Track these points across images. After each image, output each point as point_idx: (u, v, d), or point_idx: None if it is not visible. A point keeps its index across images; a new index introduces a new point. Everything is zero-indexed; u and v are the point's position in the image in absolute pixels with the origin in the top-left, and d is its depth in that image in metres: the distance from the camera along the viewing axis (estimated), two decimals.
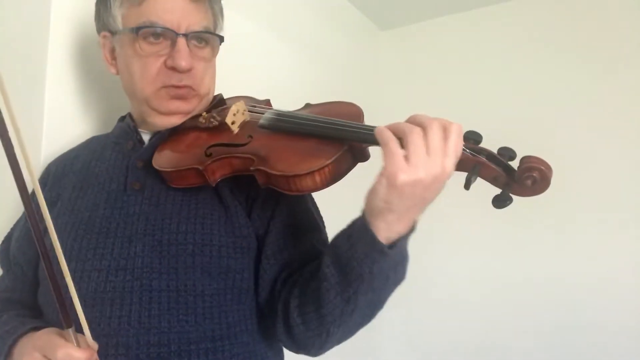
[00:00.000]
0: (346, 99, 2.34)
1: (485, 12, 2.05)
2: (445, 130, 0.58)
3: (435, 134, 0.57)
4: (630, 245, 1.66)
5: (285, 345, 0.78)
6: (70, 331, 0.62)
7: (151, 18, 0.78)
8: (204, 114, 0.82)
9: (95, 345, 0.64)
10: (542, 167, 0.59)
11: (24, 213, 0.89)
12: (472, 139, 0.63)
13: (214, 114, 0.81)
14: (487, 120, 1.99)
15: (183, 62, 0.78)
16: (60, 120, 0.99)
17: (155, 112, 0.84)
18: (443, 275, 1.99)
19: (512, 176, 0.61)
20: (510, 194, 0.62)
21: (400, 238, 0.62)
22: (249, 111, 0.81)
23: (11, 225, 0.93)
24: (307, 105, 0.82)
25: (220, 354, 0.71)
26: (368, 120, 0.79)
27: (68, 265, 0.72)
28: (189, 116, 0.85)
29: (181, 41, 0.79)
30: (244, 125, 0.78)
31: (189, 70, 0.80)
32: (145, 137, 0.87)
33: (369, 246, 0.61)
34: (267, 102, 0.88)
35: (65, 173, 0.87)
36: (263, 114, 0.78)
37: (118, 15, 0.83)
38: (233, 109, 0.78)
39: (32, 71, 1.00)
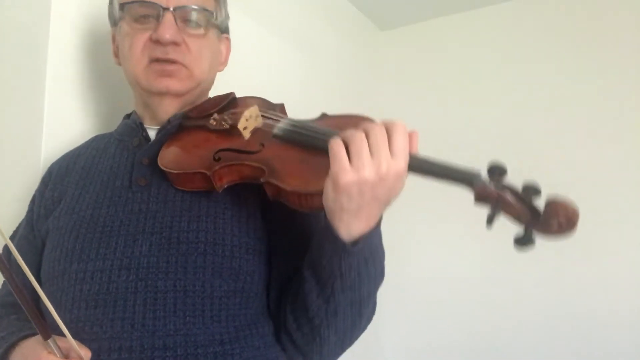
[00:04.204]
0: (346, 98, 2.35)
1: (485, 12, 2.05)
2: (388, 129, 0.59)
3: (376, 134, 0.58)
4: (631, 245, 1.67)
5: (291, 354, 0.76)
6: (50, 342, 0.60)
7: None
8: (216, 115, 0.80)
9: (88, 353, 0.62)
10: (569, 212, 0.57)
11: (24, 217, 0.88)
12: (496, 171, 0.61)
13: (225, 117, 0.78)
14: (487, 120, 2.00)
15: (166, 34, 0.77)
16: (60, 120, 0.99)
17: (148, 94, 0.83)
18: (443, 274, 1.99)
19: (536, 217, 0.59)
20: (533, 235, 0.60)
21: (363, 235, 0.62)
22: (262, 115, 0.78)
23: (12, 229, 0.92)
24: (323, 116, 0.79)
25: (230, 357, 0.68)
26: None
27: (70, 266, 0.72)
28: (183, 99, 0.83)
29: (167, 14, 0.78)
30: (255, 131, 0.75)
31: (175, 44, 0.79)
32: (152, 133, 0.85)
33: (333, 244, 0.62)
34: (281, 107, 0.85)
35: (68, 172, 0.85)
36: (277, 120, 0.76)
37: (116, 4, 0.84)
38: (246, 114, 0.74)
39: (32, 71, 1.00)
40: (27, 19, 1.02)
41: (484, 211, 0.60)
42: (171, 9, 0.78)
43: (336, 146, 0.59)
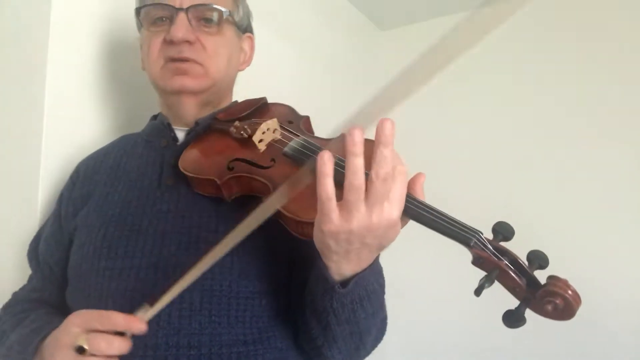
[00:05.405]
0: (346, 99, 2.33)
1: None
2: (391, 173, 0.53)
3: (375, 185, 0.51)
4: (627, 242, 1.67)
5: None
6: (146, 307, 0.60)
7: None
8: (237, 122, 0.80)
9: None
10: (568, 296, 0.52)
11: (51, 214, 0.89)
12: (501, 233, 0.56)
13: (245, 126, 0.78)
14: (487, 120, 2.00)
15: (179, 32, 0.78)
16: (60, 120, 0.99)
17: (167, 95, 0.84)
18: (445, 274, 1.99)
19: (533, 292, 0.54)
20: (526, 312, 0.55)
21: (355, 275, 0.59)
22: (282, 128, 0.78)
23: (36, 228, 0.93)
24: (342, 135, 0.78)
25: (253, 358, 0.68)
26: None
27: (98, 263, 0.72)
28: (201, 98, 0.83)
29: (179, 14, 0.79)
30: (271, 145, 0.75)
31: (188, 42, 0.79)
32: (180, 135, 0.86)
33: (324, 283, 0.60)
34: (306, 119, 0.85)
35: (95, 171, 0.86)
36: (292, 138, 0.74)
37: (136, 5, 0.85)
38: (262, 126, 0.74)
39: (32, 72, 1.00)
40: (27, 19, 1.02)
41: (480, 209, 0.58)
42: (184, 8, 0.79)
43: (324, 192, 0.51)
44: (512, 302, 0.56)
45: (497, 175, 1.91)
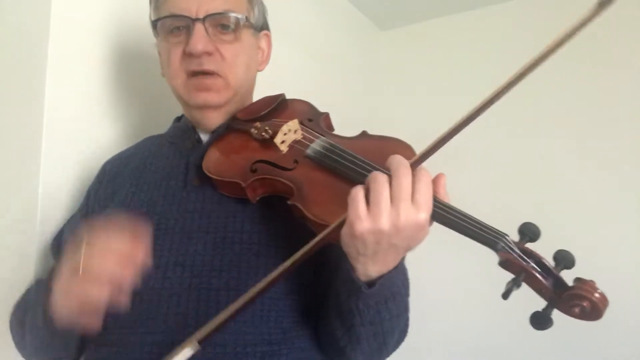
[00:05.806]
0: (346, 99, 2.32)
1: (485, 12, 2.05)
2: (413, 176, 0.56)
3: (400, 181, 0.55)
4: (633, 238, 1.67)
5: None
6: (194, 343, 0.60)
7: (169, 9, 0.80)
8: (258, 123, 0.80)
9: None
10: (595, 299, 0.52)
11: (77, 209, 0.90)
12: (527, 235, 0.57)
13: (266, 127, 0.78)
14: (488, 120, 1.99)
15: (198, 44, 0.77)
16: (60, 122, 0.99)
17: (190, 108, 0.85)
18: (446, 273, 1.99)
19: (560, 294, 0.54)
20: (553, 314, 0.55)
21: (382, 276, 0.61)
22: (304, 125, 0.78)
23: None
24: (364, 135, 0.78)
25: (277, 357, 0.69)
26: (368, 124, 0.80)
27: None
28: (224, 110, 0.84)
29: (196, 25, 0.78)
30: (293, 145, 0.75)
31: (207, 54, 0.79)
32: (204, 137, 0.86)
33: (350, 284, 0.62)
34: (326, 117, 0.85)
35: (120, 171, 0.87)
36: (314, 138, 0.75)
37: (152, 17, 0.85)
38: (284, 128, 0.76)
39: (32, 71, 0.99)
40: (27, 19, 1.02)
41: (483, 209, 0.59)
42: (201, 18, 0.78)
43: (354, 192, 0.57)
44: (539, 303, 0.57)
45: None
